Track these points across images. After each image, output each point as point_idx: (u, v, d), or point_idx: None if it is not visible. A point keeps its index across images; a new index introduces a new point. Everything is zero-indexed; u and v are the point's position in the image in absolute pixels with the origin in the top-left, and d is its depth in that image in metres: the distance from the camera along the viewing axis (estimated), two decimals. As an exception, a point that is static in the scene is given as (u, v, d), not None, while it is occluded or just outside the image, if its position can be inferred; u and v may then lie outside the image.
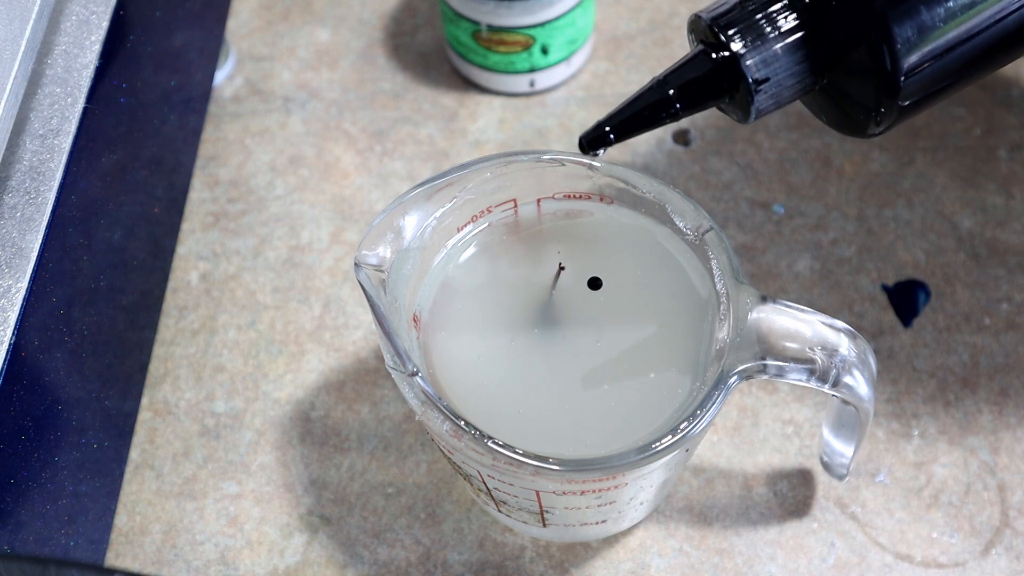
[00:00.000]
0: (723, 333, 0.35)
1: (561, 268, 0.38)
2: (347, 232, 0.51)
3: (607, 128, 0.33)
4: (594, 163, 0.37)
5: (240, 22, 0.58)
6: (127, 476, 0.45)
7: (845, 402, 0.36)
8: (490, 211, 0.39)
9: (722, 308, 0.35)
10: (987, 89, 0.54)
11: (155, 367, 0.48)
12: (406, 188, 0.50)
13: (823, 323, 0.34)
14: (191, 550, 0.43)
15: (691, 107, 0.33)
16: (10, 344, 0.33)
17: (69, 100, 0.38)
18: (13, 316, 0.34)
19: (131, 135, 0.43)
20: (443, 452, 0.37)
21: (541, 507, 0.37)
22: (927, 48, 0.30)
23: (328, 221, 0.51)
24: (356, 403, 0.47)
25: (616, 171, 0.37)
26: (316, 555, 0.43)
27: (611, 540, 0.43)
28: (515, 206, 0.39)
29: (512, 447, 0.32)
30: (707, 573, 0.42)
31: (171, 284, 0.50)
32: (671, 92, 0.33)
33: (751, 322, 0.34)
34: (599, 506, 0.37)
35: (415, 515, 0.44)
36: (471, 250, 0.39)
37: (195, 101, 0.51)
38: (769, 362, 0.34)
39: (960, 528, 0.43)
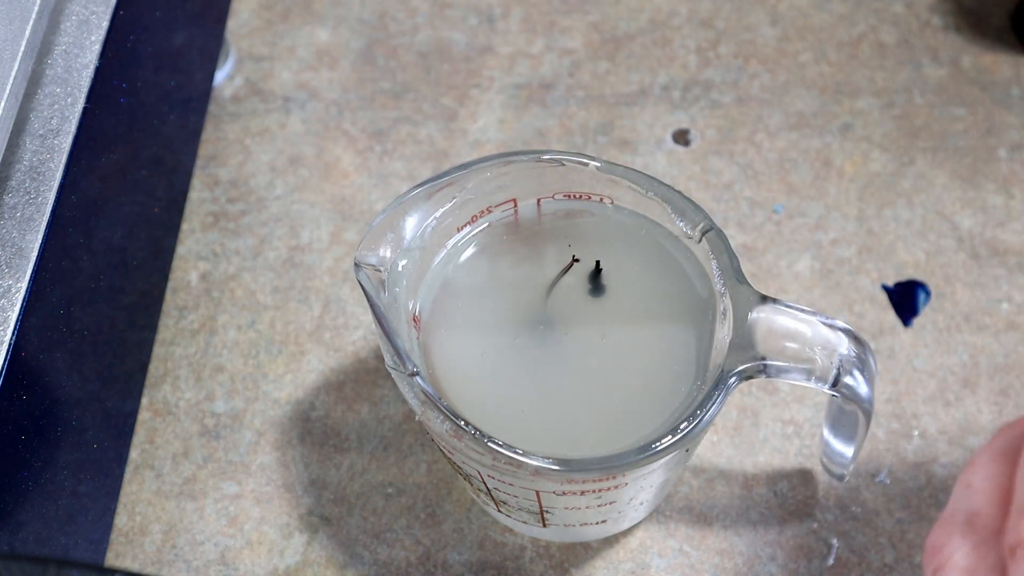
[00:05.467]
0: (723, 333, 0.35)
1: (575, 260, 0.38)
2: (347, 232, 0.51)
3: None
4: (594, 163, 0.37)
5: (240, 22, 0.58)
6: (127, 476, 0.45)
7: (845, 402, 0.36)
8: (490, 211, 0.39)
9: (722, 308, 0.35)
10: (987, 89, 0.54)
11: (155, 367, 0.48)
12: (406, 188, 0.50)
13: (823, 323, 0.34)
14: (191, 550, 0.43)
15: None
16: (10, 344, 0.33)
17: (69, 100, 0.38)
18: (13, 316, 0.34)
19: (131, 135, 0.43)
20: (443, 452, 0.37)
21: (541, 507, 0.37)
22: None
23: (328, 221, 0.51)
24: (356, 403, 0.47)
25: (616, 171, 0.37)
26: (316, 555, 0.43)
27: (611, 540, 0.43)
28: (515, 206, 0.39)
29: (512, 447, 0.32)
30: (707, 573, 0.42)
31: (171, 284, 0.50)
32: None
33: (751, 322, 0.34)
34: (599, 506, 0.37)
35: (415, 515, 0.44)
36: (471, 250, 0.39)
37: (195, 101, 0.51)
38: (769, 362, 0.34)
39: (960, 528, 0.43)
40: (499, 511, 0.40)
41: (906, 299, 0.48)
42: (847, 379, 0.34)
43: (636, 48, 0.57)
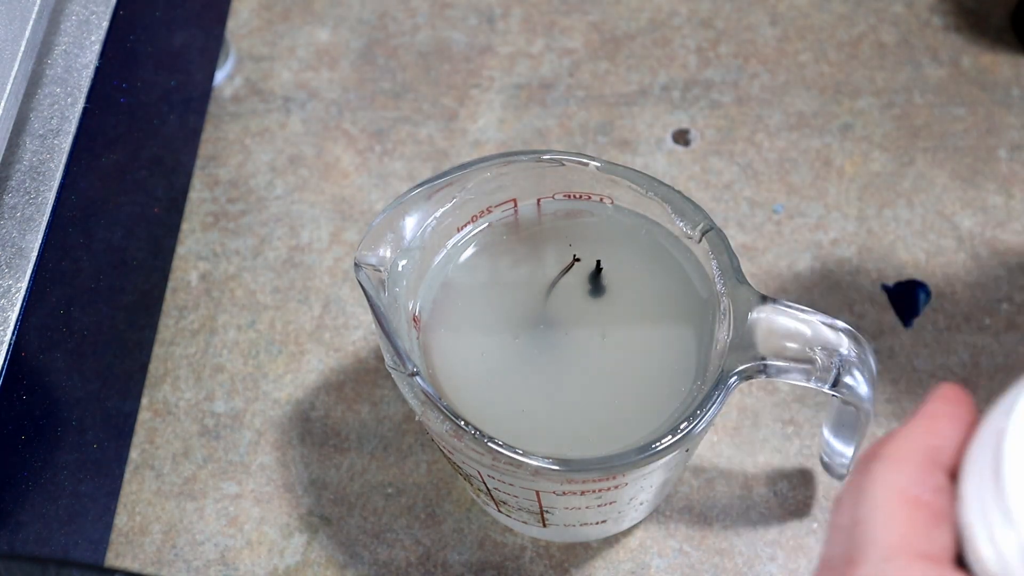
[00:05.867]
0: (723, 333, 0.35)
1: (576, 259, 0.38)
2: (347, 232, 0.51)
3: None
4: (594, 163, 0.37)
5: (240, 22, 0.58)
6: (127, 476, 0.45)
7: (845, 402, 0.36)
8: (490, 211, 0.39)
9: (722, 308, 0.35)
10: (987, 89, 0.54)
11: (155, 367, 0.48)
12: (406, 188, 0.49)
13: (823, 323, 0.34)
14: (191, 550, 0.43)
15: None
16: (10, 344, 0.33)
17: (69, 100, 0.38)
18: (13, 316, 0.34)
19: (131, 135, 0.43)
20: (443, 452, 0.37)
21: (541, 507, 0.37)
22: None
23: (328, 221, 0.51)
24: (356, 403, 0.47)
25: (616, 171, 0.37)
26: (316, 555, 0.43)
27: (611, 540, 0.43)
28: (515, 206, 0.39)
29: (512, 447, 0.32)
30: (707, 573, 0.42)
31: (171, 284, 0.50)
32: None
33: (751, 322, 0.34)
34: (599, 506, 0.37)
35: (415, 515, 0.44)
36: (471, 250, 0.39)
37: (195, 101, 0.51)
38: (769, 362, 0.34)
39: (960, 528, 0.43)
40: (499, 511, 0.40)
41: (906, 299, 0.48)
42: (847, 379, 0.34)
43: (636, 48, 0.57)
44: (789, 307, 0.34)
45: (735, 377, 0.33)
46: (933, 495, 0.22)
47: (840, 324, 0.34)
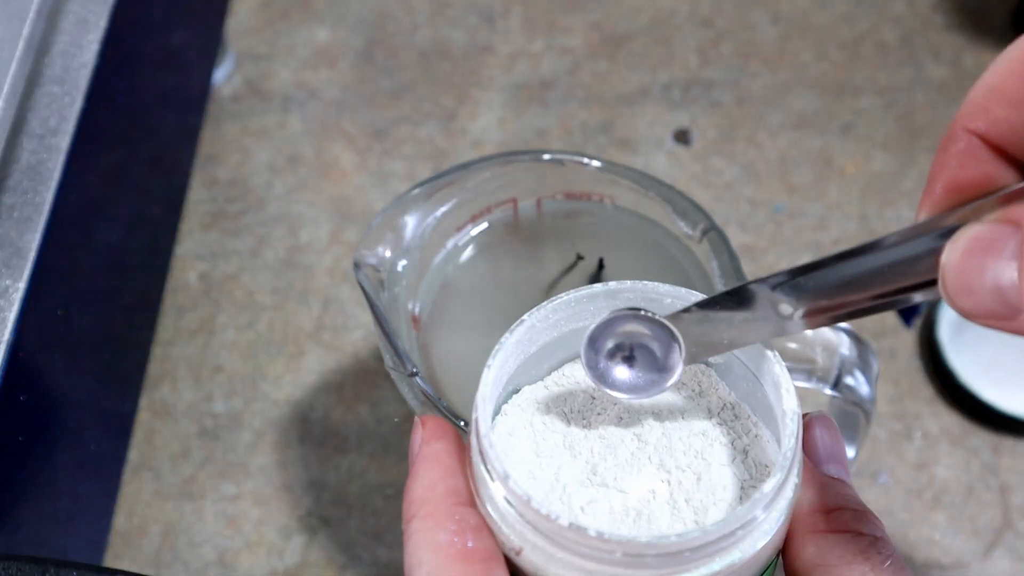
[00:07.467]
0: (724, 333, 0.34)
1: (580, 258, 0.38)
2: (346, 232, 0.51)
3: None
4: (594, 162, 0.37)
5: (239, 21, 0.58)
6: (125, 477, 0.45)
7: (846, 403, 0.35)
8: (490, 211, 0.39)
9: (723, 308, 0.35)
10: (988, 89, 0.54)
11: (153, 368, 0.48)
12: (406, 188, 0.49)
13: (824, 323, 0.34)
14: (190, 551, 0.43)
15: None
16: (8, 344, 0.33)
17: (68, 100, 0.38)
18: (11, 316, 0.33)
19: (130, 135, 0.43)
20: (443, 453, 0.37)
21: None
22: None
23: (327, 221, 0.51)
24: (355, 404, 0.46)
25: (616, 171, 0.37)
26: (315, 556, 0.43)
27: (611, 541, 0.43)
28: (515, 206, 0.39)
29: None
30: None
31: (169, 284, 0.50)
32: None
33: (752, 322, 0.34)
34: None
35: (415, 516, 0.44)
36: (471, 250, 0.39)
37: (194, 101, 0.50)
38: (770, 363, 0.33)
39: (962, 529, 0.43)
40: (499, 512, 0.40)
41: (907, 299, 0.48)
42: (848, 379, 0.34)
43: (636, 47, 0.57)
44: (790, 307, 0.34)
45: (736, 378, 0.33)
46: (474, 538, 0.22)
47: (841, 324, 0.34)
